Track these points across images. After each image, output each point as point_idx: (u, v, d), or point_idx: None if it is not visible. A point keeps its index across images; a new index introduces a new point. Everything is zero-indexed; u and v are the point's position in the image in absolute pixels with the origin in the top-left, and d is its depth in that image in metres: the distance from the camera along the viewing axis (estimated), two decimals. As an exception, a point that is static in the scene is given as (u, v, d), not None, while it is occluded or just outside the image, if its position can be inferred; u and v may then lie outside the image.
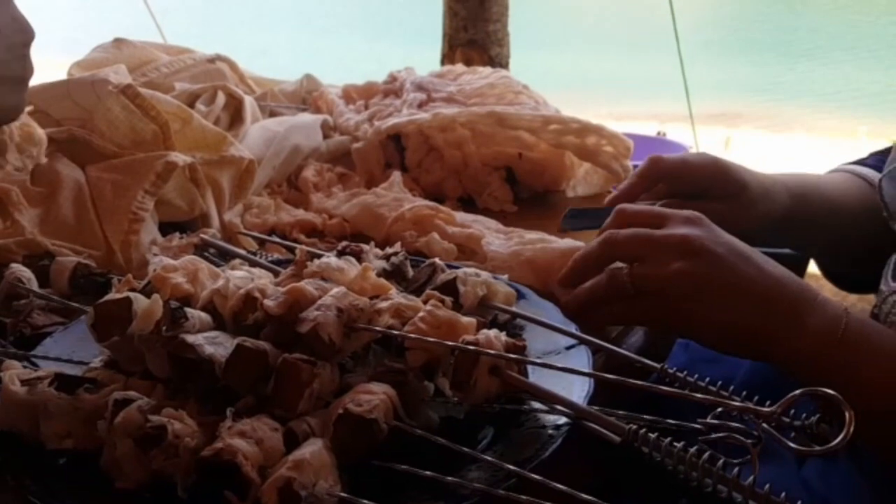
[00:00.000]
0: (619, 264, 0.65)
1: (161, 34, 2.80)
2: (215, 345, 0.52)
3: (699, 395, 0.48)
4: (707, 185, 0.80)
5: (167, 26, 2.85)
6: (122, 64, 0.96)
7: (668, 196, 0.80)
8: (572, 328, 0.62)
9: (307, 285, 0.56)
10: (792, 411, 0.50)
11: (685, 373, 0.54)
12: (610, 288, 0.64)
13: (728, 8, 9.76)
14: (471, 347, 0.50)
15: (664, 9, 2.66)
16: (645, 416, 0.51)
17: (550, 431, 0.51)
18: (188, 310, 0.54)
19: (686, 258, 0.62)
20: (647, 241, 0.64)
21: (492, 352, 0.50)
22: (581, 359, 0.58)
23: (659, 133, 1.91)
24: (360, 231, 0.91)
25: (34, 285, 0.70)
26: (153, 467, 0.47)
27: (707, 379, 0.54)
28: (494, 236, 0.80)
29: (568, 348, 0.60)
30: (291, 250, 0.80)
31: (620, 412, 0.51)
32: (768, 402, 0.47)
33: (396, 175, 0.96)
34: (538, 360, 0.52)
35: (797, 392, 0.46)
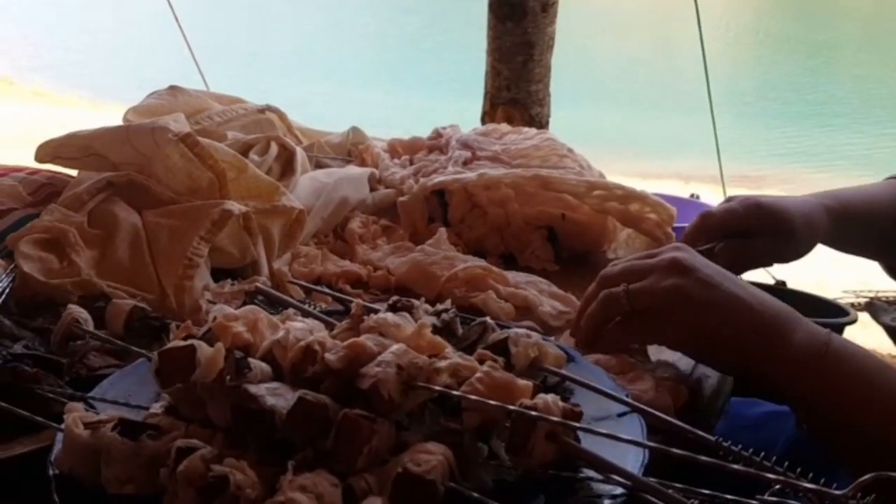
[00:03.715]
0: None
1: (204, 81, 2.87)
2: (276, 396, 0.53)
3: (771, 476, 0.48)
4: (752, 226, 0.88)
5: (210, 73, 2.92)
6: (180, 112, 0.99)
7: (721, 239, 0.90)
8: (623, 395, 0.62)
9: (367, 340, 0.57)
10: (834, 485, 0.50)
11: (739, 446, 0.55)
12: (607, 307, 0.69)
13: (765, 74, 9.86)
14: (531, 413, 0.51)
15: (699, 71, 2.69)
16: (703, 491, 0.51)
17: (606, 502, 0.51)
18: (250, 360, 0.55)
19: (678, 276, 0.67)
20: (639, 267, 0.69)
21: (552, 418, 0.50)
22: (634, 427, 0.58)
23: (692, 195, 1.93)
24: (405, 286, 0.92)
25: (90, 327, 0.71)
26: (214, 517, 0.47)
27: (752, 451, 0.54)
28: (550, 304, 0.81)
29: (620, 415, 0.60)
30: (339, 300, 0.82)
31: (678, 485, 0.51)
32: (835, 486, 0.47)
33: (442, 232, 0.97)
34: (602, 431, 0.52)
35: (868, 476, 0.46)
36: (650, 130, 7.28)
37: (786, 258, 0.92)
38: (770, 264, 0.93)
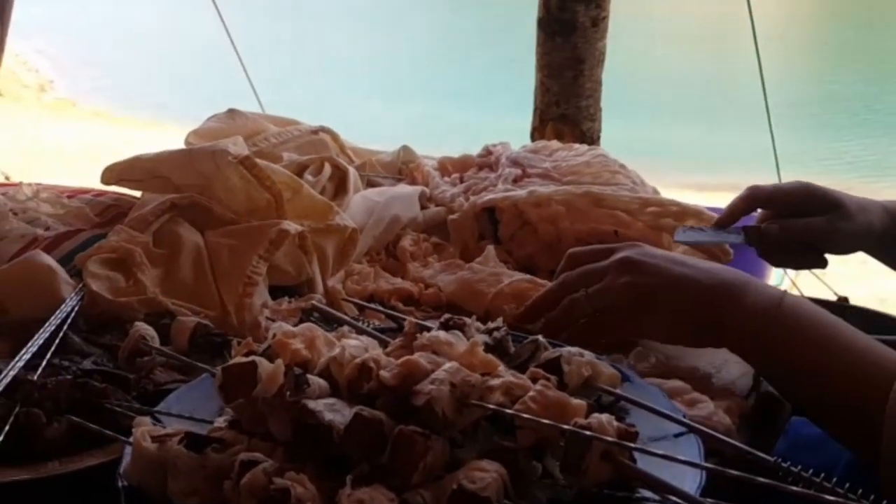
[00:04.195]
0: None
1: (258, 101, 2.95)
2: (334, 412, 0.54)
3: (830, 498, 0.48)
4: (802, 204, 0.90)
5: (264, 92, 3.00)
6: (239, 135, 1.02)
7: (770, 218, 0.91)
8: (680, 415, 0.61)
9: (420, 358, 0.58)
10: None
11: (799, 467, 0.54)
12: (572, 312, 0.75)
13: (827, 84, 9.60)
14: (586, 433, 0.51)
15: (756, 81, 2.65)
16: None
17: (662, 521, 0.51)
18: (309, 376, 0.57)
19: (628, 273, 0.73)
20: (594, 271, 0.75)
21: (607, 438, 0.51)
22: (691, 448, 0.58)
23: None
24: (455, 303, 0.93)
25: (156, 343, 0.74)
26: (275, 530, 0.49)
27: (812, 471, 0.53)
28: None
29: (677, 436, 0.60)
30: (391, 318, 0.83)
31: (735, 506, 0.51)
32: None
33: (490, 249, 0.98)
34: (659, 452, 0.52)
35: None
36: (707, 143, 7.17)
37: (840, 241, 0.91)
38: (824, 246, 0.92)
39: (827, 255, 0.95)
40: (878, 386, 0.62)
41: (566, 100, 1.98)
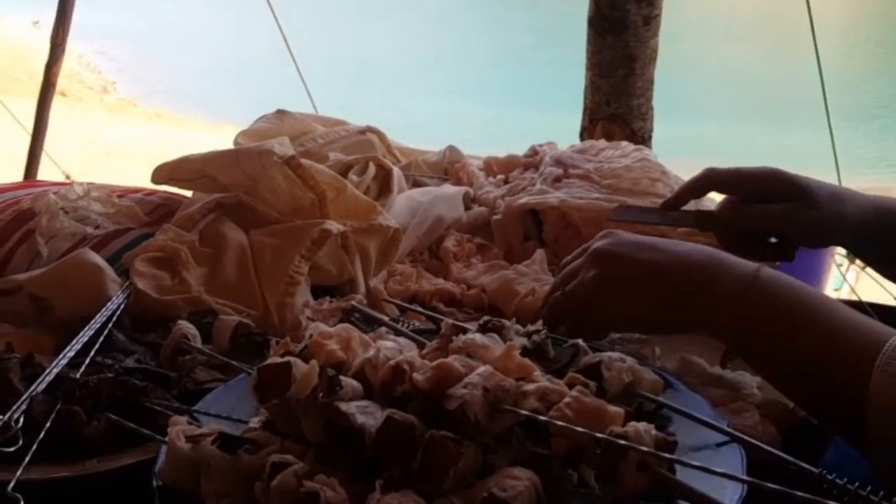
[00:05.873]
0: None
1: (312, 103, 2.98)
2: (366, 414, 0.54)
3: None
4: (764, 190, 0.84)
5: (318, 93, 3.03)
6: (285, 136, 1.03)
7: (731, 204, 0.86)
8: (723, 424, 0.59)
9: (454, 361, 0.57)
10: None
11: (845, 480, 0.52)
12: (553, 312, 0.75)
13: (887, 84, 9.29)
14: (620, 441, 0.49)
15: (814, 80, 2.57)
16: (804, 528, 0.48)
17: (701, 534, 0.49)
18: (342, 378, 0.56)
19: (598, 266, 0.73)
20: (572, 269, 0.76)
21: (642, 448, 0.49)
22: (734, 458, 0.56)
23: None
24: (495, 304, 0.92)
25: (199, 342, 0.74)
26: (304, 533, 0.48)
27: (860, 485, 0.51)
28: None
29: (719, 445, 0.58)
30: (432, 319, 0.83)
31: (777, 521, 0.49)
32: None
33: (540, 253, 0.96)
34: (695, 464, 0.50)
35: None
36: (763, 142, 7.01)
37: (804, 231, 0.84)
38: (789, 236, 0.85)
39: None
40: (856, 365, 0.58)
41: (617, 99, 1.94)
